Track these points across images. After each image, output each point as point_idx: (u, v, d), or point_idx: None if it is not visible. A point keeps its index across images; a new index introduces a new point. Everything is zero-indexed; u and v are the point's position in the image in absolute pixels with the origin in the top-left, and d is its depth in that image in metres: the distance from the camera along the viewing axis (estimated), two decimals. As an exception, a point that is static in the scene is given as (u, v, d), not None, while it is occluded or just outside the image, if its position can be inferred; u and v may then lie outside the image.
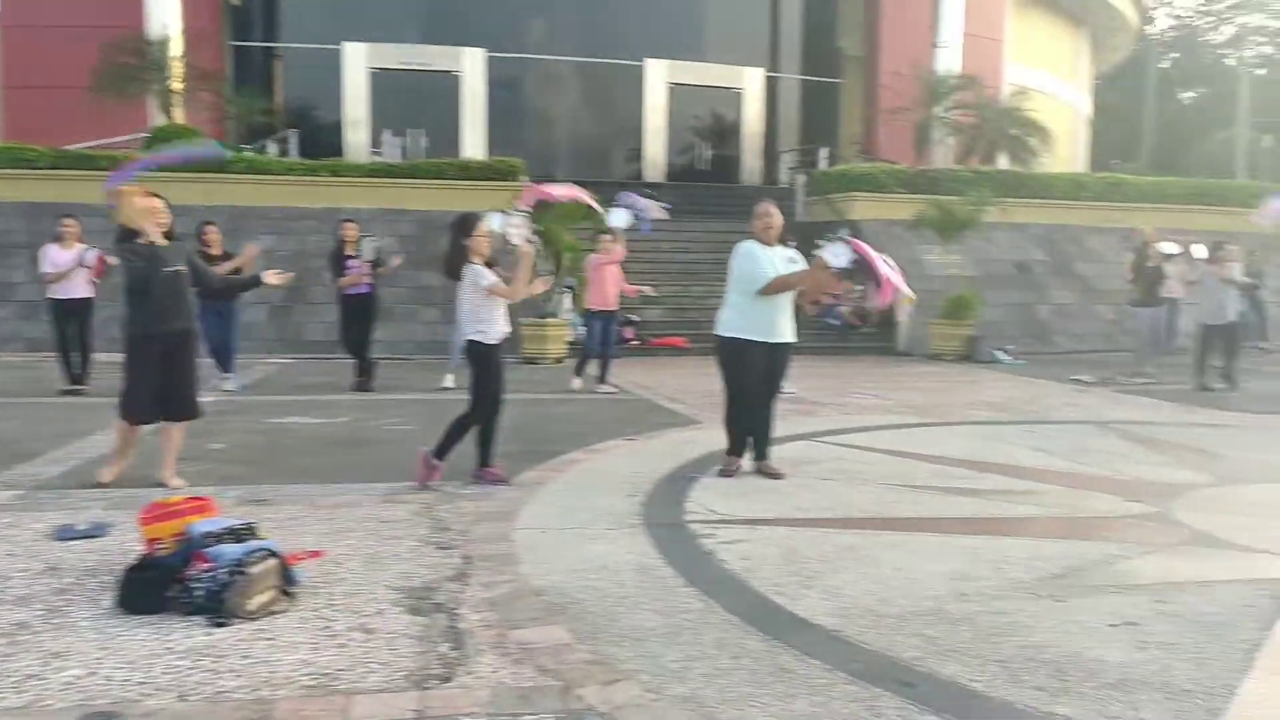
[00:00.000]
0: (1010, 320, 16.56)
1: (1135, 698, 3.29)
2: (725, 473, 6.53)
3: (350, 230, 11.13)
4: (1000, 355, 14.74)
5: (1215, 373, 11.97)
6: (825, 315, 15.59)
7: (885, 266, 6.38)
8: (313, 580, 4.24)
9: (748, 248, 6.53)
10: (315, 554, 4.52)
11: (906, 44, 22.87)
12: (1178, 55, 52.45)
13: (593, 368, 11.27)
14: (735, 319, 6.51)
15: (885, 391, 11.46)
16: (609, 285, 11.08)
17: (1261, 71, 53.58)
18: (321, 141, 21.61)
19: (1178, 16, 54.64)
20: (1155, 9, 53.04)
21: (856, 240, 6.46)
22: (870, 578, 4.51)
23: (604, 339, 11.17)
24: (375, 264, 11.09)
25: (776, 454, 6.86)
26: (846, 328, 15.63)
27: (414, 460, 6.18)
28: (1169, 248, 13.32)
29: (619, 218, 11.51)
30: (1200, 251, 12.99)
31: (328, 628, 3.79)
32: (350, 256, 11.00)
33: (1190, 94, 52.94)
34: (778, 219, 6.58)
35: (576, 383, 11.19)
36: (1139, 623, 4.00)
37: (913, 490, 6.32)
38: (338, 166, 17.35)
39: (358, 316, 11.09)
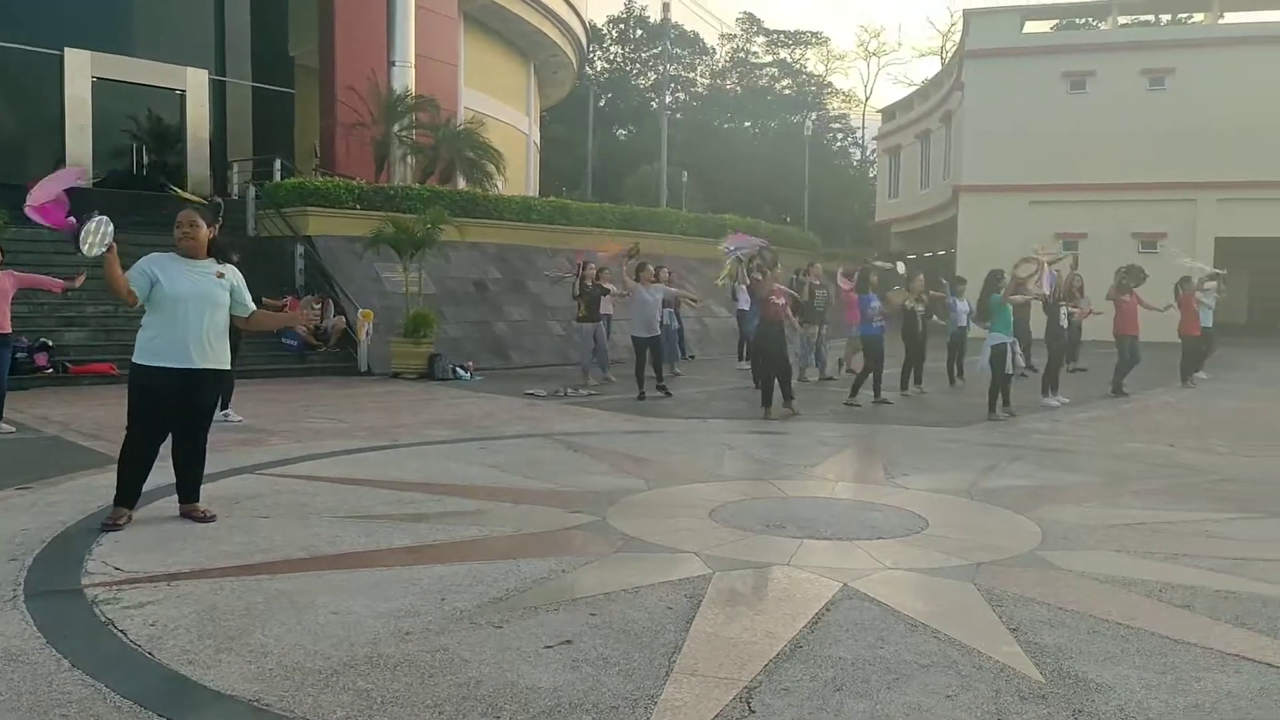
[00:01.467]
0: (469, 337, 16.93)
1: (566, 724, 3.23)
2: (109, 526, 5.58)
3: None
4: (460, 372, 14.97)
5: (653, 382, 13.12)
6: (282, 335, 14.74)
7: None
8: None
9: (154, 259, 5.73)
10: None
11: (362, 60, 22.56)
12: (611, 95, 58.26)
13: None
14: (145, 342, 5.70)
15: (343, 414, 11.00)
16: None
17: (679, 116, 61.53)
18: None
19: (610, 60, 60.66)
20: (593, 53, 58.48)
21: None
22: (303, 628, 4.07)
23: None
24: None
25: (208, 493, 6.13)
26: (305, 348, 14.91)
27: None
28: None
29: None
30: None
31: None
32: None
33: (623, 131, 58.93)
34: (202, 231, 5.85)
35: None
36: (574, 639, 4.01)
37: (362, 521, 5.96)
38: None
39: None
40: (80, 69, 21.56)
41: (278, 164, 19.88)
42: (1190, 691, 3.64)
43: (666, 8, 35.17)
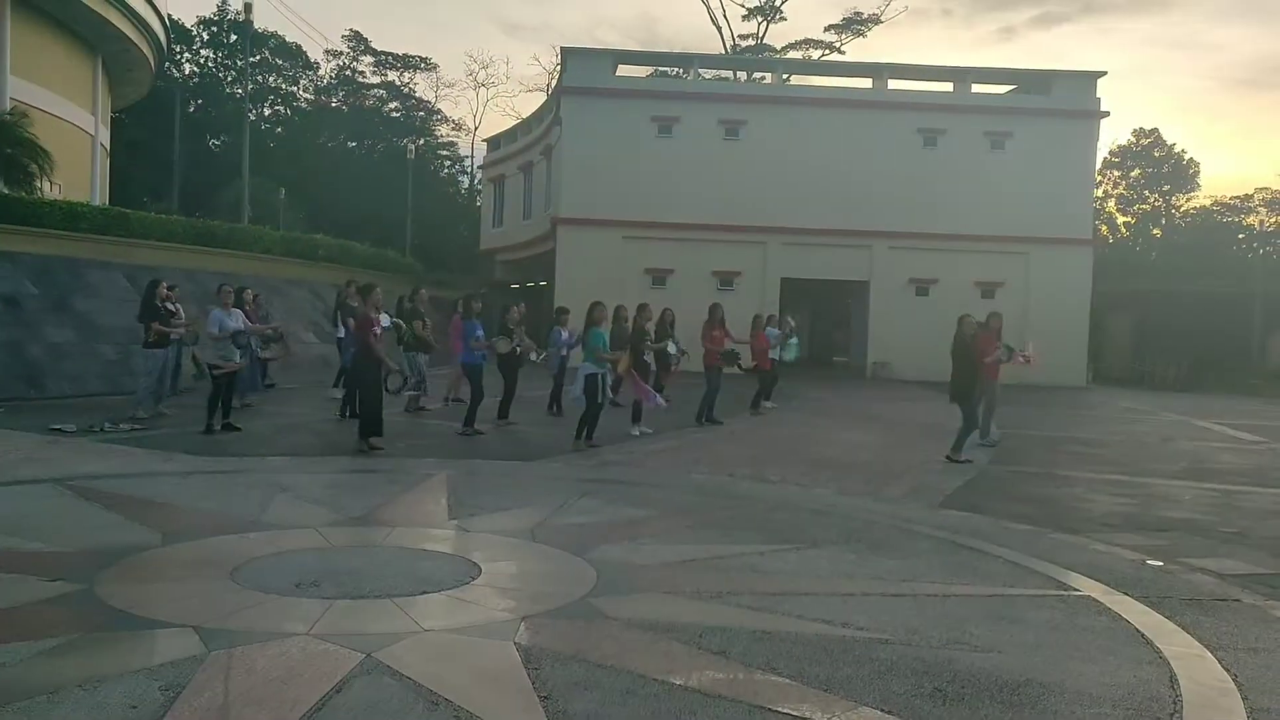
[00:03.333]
0: (-8, 362, 14.34)
1: None
2: None
3: None
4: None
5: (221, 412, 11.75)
6: None
7: None
8: None
9: None
10: None
11: None
12: (202, 101, 53.92)
13: None
14: None
15: None
16: None
17: (279, 130, 58.26)
18: None
19: (201, 64, 56.15)
20: (180, 54, 53.85)
21: None
22: None
23: None
24: None
25: None
26: None
27: None
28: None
29: None
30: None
31: None
32: None
33: (216, 141, 54.88)
34: None
35: None
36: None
37: None
38: None
39: None
40: None
41: None
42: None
43: (249, 9, 32.85)
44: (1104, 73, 31.82)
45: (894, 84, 32.55)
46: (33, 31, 25.02)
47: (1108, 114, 31.59)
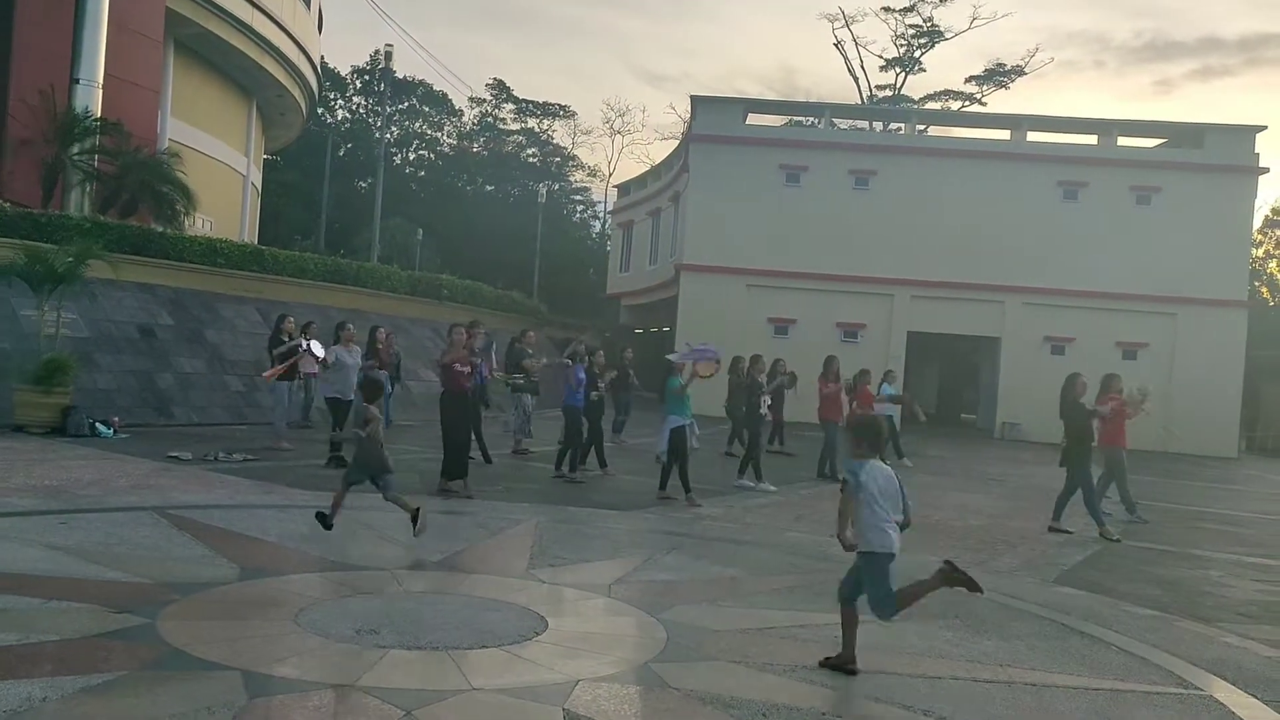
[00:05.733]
0: (126, 389, 14.98)
1: None
2: None
3: None
4: (101, 428, 13.09)
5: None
6: None
7: None
8: None
9: None
10: None
11: (40, 72, 20.15)
12: (351, 145, 56.33)
13: None
14: None
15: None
16: None
17: (421, 173, 60.43)
18: None
19: (353, 110, 58.84)
20: (334, 101, 56.57)
21: None
22: None
23: None
24: None
25: None
26: None
27: None
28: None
29: None
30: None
31: None
32: None
33: (364, 183, 57.16)
34: None
35: None
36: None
37: None
38: None
39: None
40: None
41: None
42: None
43: (389, 57, 34.20)
44: (1264, 127, 30.07)
45: (1033, 136, 31.53)
46: (192, 76, 26.55)
47: (1267, 170, 29.81)
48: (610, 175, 65.00)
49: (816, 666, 5.23)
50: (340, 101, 58.35)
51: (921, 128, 35.23)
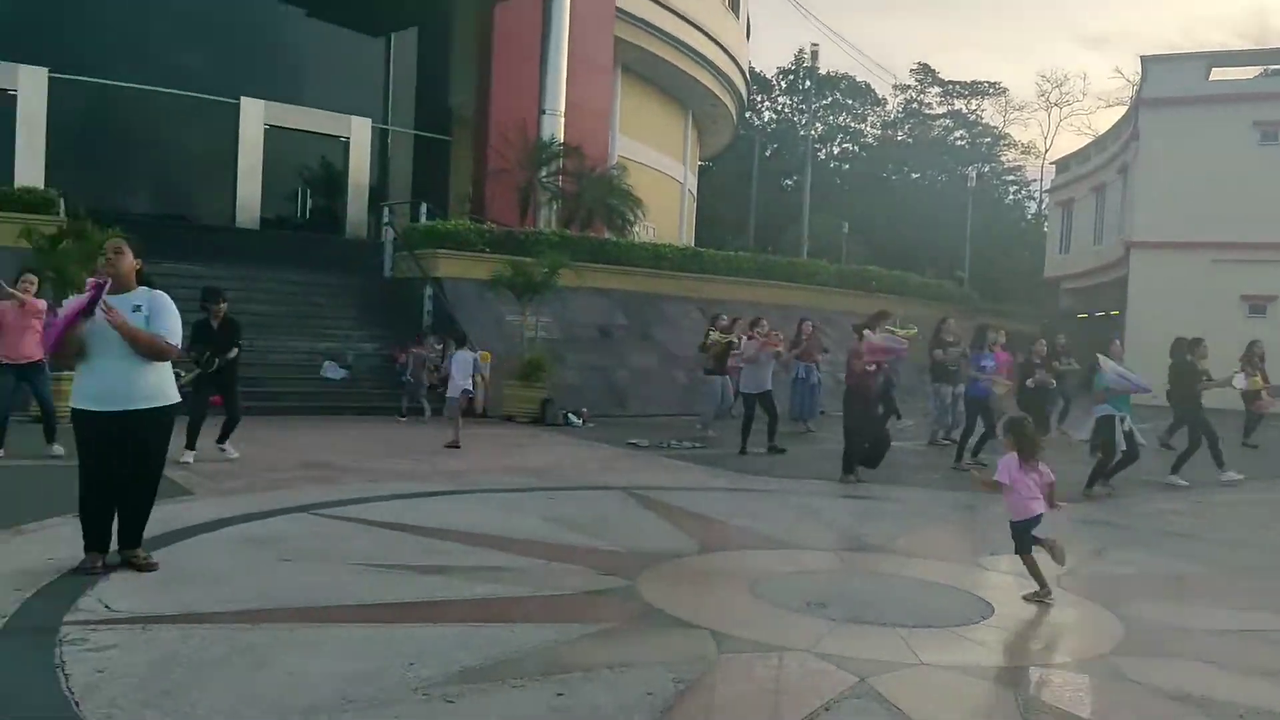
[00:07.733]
0: (590, 384, 16.84)
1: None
2: (83, 570, 5.34)
3: None
4: (571, 418, 14.84)
5: (761, 438, 12.59)
6: (324, 367, 15.06)
7: None
8: None
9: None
10: None
11: (515, 109, 23.08)
12: (777, 145, 57.96)
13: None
14: (78, 382, 5.49)
15: (428, 457, 10.92)
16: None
17: (846, 166, 60.74)
18: None
19: (778, 111, 60.53)
20: (760, 103, 58.56)
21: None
22: (245, 687, 3.88)
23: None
24: None
25: (247, 531, 6.10)
26: (350, 382, 15.21)
27: None
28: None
29: None
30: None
31: None
32: None
33: (789, 181, 58.54)
34: (127, 259, 5.51)
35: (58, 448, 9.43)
36: (518, 725, 3.67)
37: (380, 571, 5.79)
38: None
39: None
40: (255, 117, 22.89)
41: (423, 208, 20.48)
42: None
43: (814, 56, 34.66)
44: None
45: None
46: (634, 94, 28.93)
47: None
48: (1046, 151, 61.16)
49: (1305, 674, 4.78)
50: (766, 102, 60.23)
51: None
